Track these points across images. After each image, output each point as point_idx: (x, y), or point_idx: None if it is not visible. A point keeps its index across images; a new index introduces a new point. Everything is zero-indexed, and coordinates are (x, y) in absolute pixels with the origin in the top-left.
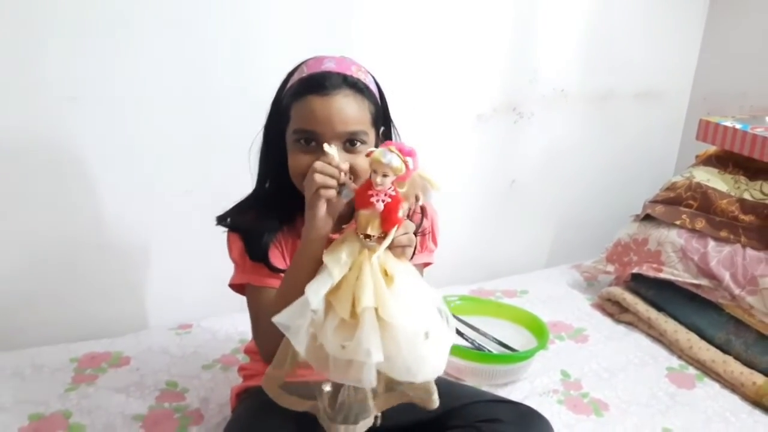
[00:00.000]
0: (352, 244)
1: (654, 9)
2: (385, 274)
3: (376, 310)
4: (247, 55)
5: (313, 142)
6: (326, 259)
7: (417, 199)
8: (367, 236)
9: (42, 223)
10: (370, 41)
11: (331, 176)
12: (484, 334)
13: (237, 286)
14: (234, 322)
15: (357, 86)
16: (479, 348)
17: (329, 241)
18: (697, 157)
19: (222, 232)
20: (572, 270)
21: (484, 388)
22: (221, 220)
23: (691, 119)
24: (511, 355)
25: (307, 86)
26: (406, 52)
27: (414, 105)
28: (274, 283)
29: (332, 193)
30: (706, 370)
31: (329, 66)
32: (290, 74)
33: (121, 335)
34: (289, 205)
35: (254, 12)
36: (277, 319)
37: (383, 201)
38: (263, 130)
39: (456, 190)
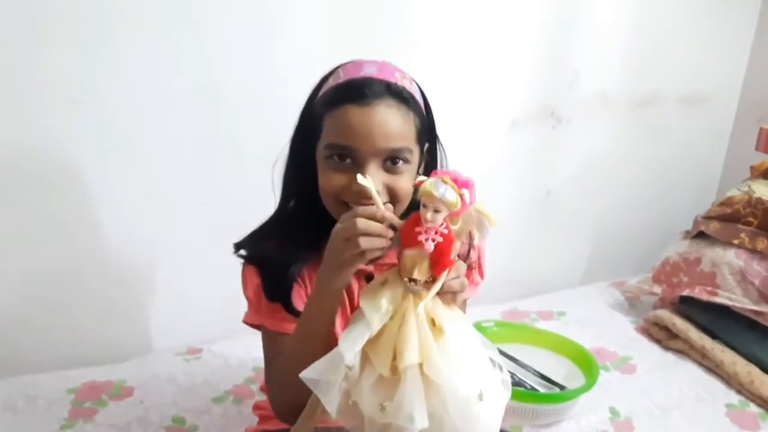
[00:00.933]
0: (395, 288)
1: (702, 7)
2: (433, 324)
3: (421, 366)
4: (265, 61)
5: (348, 159)
6: (364, 305)
7: (471, 237)
8: (413, 280)
9: (39, 238)
10: (400, 43)
11: (378, 235)
12: (525, 366)
13: (253, 324)
14: (247, 345)
15: (402, 96)
16: (520, 383)
17: (363, 275)
18: (753, 168)
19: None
20: (611, 288)
21: (525, 430)
22: (237, 248)
23: (740, 126)
24: (557, 395)
25: (344, 94)
26: (437, 54)
27: (444, 110)
28: (293, 327)
29: (377, 254)
30: None
31: (370, 71)
32: (324, 79)
33: (123, 360)
34: (315, 230)
35: (274, 15)
36: (305, 375)
37: (434, 240)
38: (290, 143)
39: (488, 201)
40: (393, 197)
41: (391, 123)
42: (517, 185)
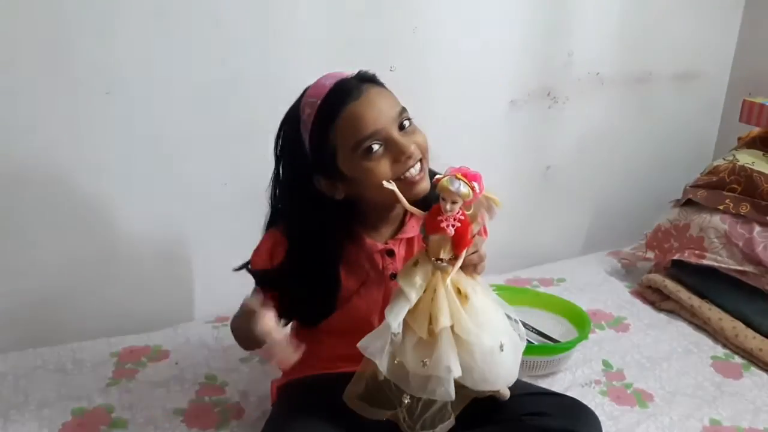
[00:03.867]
0: (425, 266)
1: None
2: (458, 292)
3: (452, 327)
4: (281, 50)
5: (375, 145)
6: (402, 282)
7: (483, 218)
8: (439, 259)
9: (79, 218)
10: (401, 30)
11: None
12: (524, 324)
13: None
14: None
15: (369, 77)
16: None
17: (384, 251)
18: (739, 139)
19: (258, 223)
20: (609, 257)
21: (525, 380)
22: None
23: (731, 101)
24: (552, 346)
25: (336, 101)
26: (436, 40)
27: (447, 91)
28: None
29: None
30: (753, 359)
31: (331, 80)
32: (290, 120)
33: (159, 329)
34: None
35: (288, 6)
36: (361, 344)
37: (453, 226)
38: (278, 187)
39: (489, 177)
40: (423, 151)
41: (383, 96)
42: (518, 161)
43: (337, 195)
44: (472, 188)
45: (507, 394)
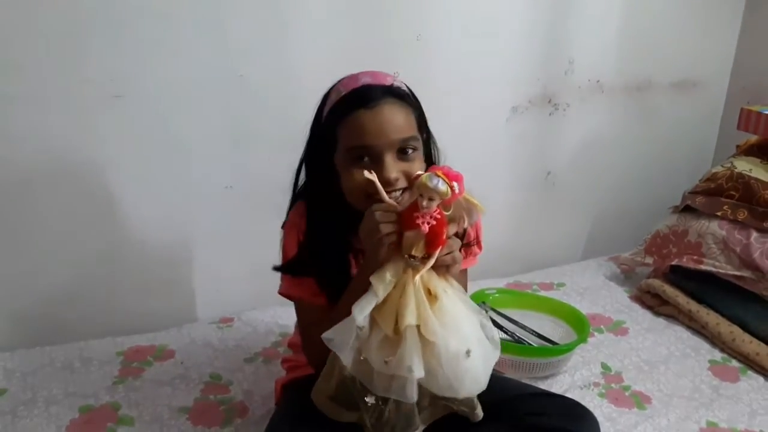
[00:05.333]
0: (397, 263)
1: None
2: (428, 293)
3: (419, 327)
4: (286, 53)
5: (365, 158)
6: (372, 278)
7: (462, 221)
8: (412, 256)
9: (86, 220)
10: (405, 38)
11: (389, 221)
12: (524, 327)
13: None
14: (274, 315)
15: (399, 94)
16: (519, 341)
17: (361, 254)
18: (737, 146)
19: (262, 225)
20: (609, 262)
21: (525, 382)
22: (290, 269)
23: (730, 109)
24: (551, 348)
25: (352, 102)
26: (440, 48)
27: (450, 98)
28: (322, 300)
29: (394, 237)
30: (750, 363)
31: (366, 80)
32: (325, 97)
33: (164, 329)
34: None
35: (294, 13)
36: (325, 336)
37: (428, 223)
38: (304, 158)
39: (491, 182)
40: (410, 181)
41: (396, 118)
42: (518, 168)
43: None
44: (451, 187)
45: (480, 415)
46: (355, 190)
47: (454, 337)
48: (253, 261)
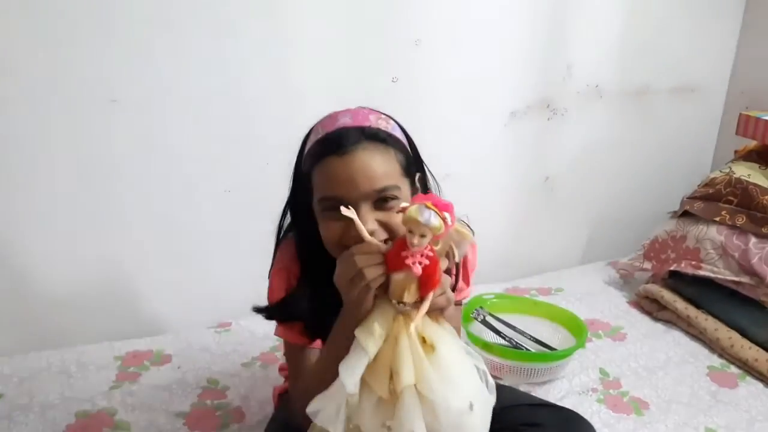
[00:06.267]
0: (385, 312)
1: (690, 2)
2: (423, 341)
3: (415, 385)
4: (285, 57)
5: (341, 207)
6: (358, 332)
7: (453, 255)
8: (402, 302)
9: (83, 224)
10: (403, 43)
11: (377, 264)
12: (522, 332)
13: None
14: (272, 321)
15: (378, 137)
16: (517, 346)
17: None
18: (736, 152)
19: (260, 230)
20: (608, 267)
21: (522, 387)
22: (271, 314)
23: (729, 114)
24: (549, 354)
25: (324, 148)
26: (438, 53)
27: (448, 103)
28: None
29: (381, 280)
30: (749, 369)
31: (344, 121)
32: (306, 138)
33: (161, 333)
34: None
35: (288, 20)
36: (309, 409)
37: (421, 263)
38: (288, 200)
39: (489, 187)
40: (390, 232)
41: (372, 165)
42: (518, 172)
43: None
44: (444, 219)
45: None
46: (329, 243)
47: (456, 393)
48: (251, 265)
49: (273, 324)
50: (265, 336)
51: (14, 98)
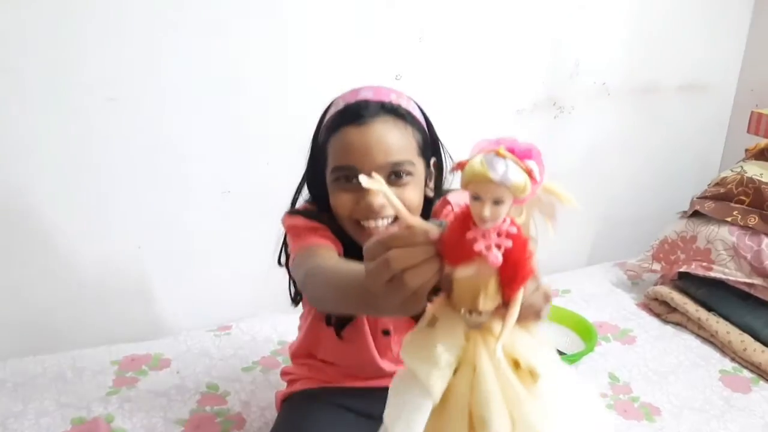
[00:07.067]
0: (451, 328)
1: None
2: (516, 366)
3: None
4: (283, 60)
5: (354, 180)
6: (411, 363)
7: (553, 223)
8: (475, 311)
9: (81, 226)
10: (408, 39)
11: (426, 261)
12: None
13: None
14: (273, 323)
15: (397, 112)
16: None
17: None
18: (747, 150)
19: (259, 231)
20: (615, 268)
21: None
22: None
23: (738, 112)
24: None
25: (343, 118)
26: (444, 49)
27: (453, 100)
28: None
29: (433, 283)
30: (762, 373)
31: (366, 95)
32: (325, 111)
33: (160, 337)
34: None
35: (289, 16)
36: None
37: (500, 247)
38: (304, 174)
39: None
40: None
41: (389, 138)
42: None
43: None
44: (529, 174)
45: None
46: (341, 215)
47: None
48: (252, 267)
49: (272, 327)
50: (266, 339)
51: (13, 97)
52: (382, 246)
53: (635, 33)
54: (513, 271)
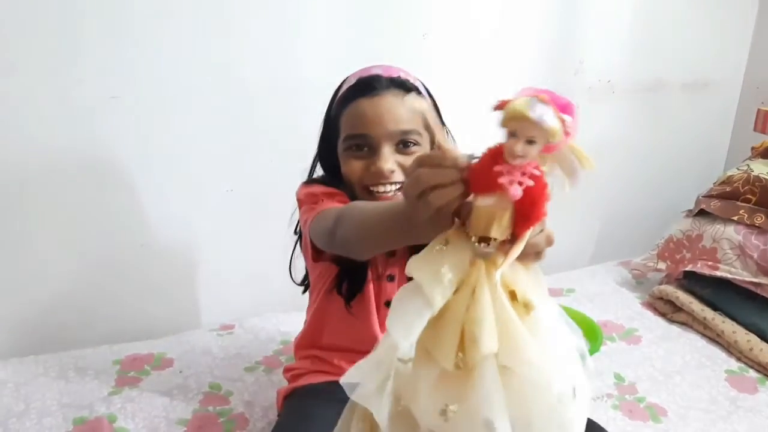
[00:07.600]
0: (459, 251)
1: None
2: (513, 298)
3: (496, 356)
4: (287, 58)
5: (365, 148)
6: (418, 275)
7: (574, 178)
8: (485, 239)
9: (84, 224)
10: (410, 36)
11: (452, 183)
12: None
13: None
14: (276, 322)
15: (406, 86)
16: None
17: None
18: (753, 148)
19: (263, 229)
20: (620, 267)
21: None
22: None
23: (743, 109)
24: None
25: (356, 90)
26: (446, 46)
27: (456, 98)
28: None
29: (454, 205)
30: None
31: (377, 71)
32: (339, 87)
33: (162, 336)
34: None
35: (293, 15)
36: (344, 381)
37: (521, 184)
38: (317, 148)
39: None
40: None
41: (399, 108)
42: None
43: None
44: (563, 123)
45: None
46: (352, 181)
47: (560, 371)
48: (255, 266)
49: (275, 326)
50: (269, 339)
51: (13, 95)
52: (416, 163)
53: (640, 30)
54: (528, 209)
